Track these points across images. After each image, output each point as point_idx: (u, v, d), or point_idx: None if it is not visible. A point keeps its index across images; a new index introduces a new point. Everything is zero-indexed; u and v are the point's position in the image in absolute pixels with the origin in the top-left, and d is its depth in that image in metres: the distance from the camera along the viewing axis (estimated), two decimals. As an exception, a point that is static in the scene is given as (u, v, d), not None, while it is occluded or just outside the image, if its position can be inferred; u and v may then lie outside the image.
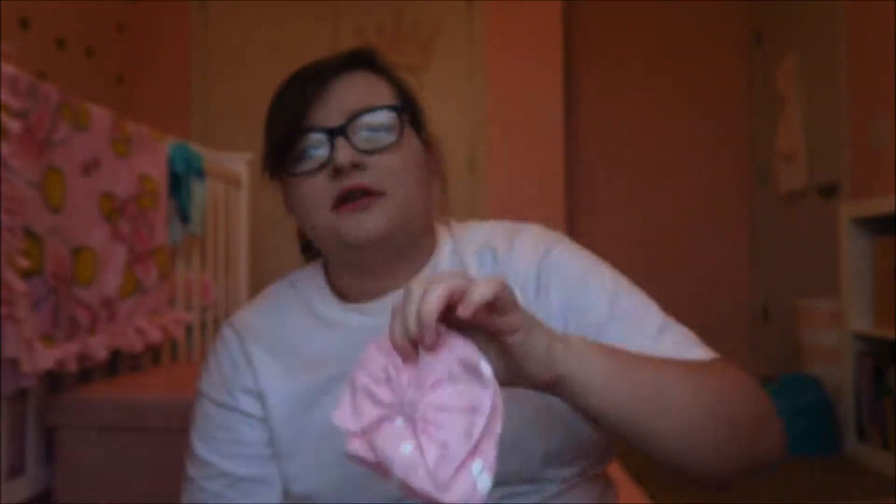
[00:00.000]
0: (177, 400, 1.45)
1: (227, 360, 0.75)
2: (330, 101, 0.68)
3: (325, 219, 0.68)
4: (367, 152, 0.66)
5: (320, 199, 0.67)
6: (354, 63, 0.70)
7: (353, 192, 0.66)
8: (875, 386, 2.37)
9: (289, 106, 0.68)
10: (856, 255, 2.47)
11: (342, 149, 0.65)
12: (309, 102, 0.67)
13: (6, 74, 1.30)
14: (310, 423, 0.69)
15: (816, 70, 3.40)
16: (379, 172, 0.67)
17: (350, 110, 0.67)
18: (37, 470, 1.47)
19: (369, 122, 0.68)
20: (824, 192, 3.26)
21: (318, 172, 0.67)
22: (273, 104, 0.71)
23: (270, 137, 0.71)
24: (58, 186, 1.46)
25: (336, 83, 0.69)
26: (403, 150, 0.69)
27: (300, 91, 0.68)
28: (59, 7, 2.96)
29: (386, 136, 0.68)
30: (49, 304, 1.42)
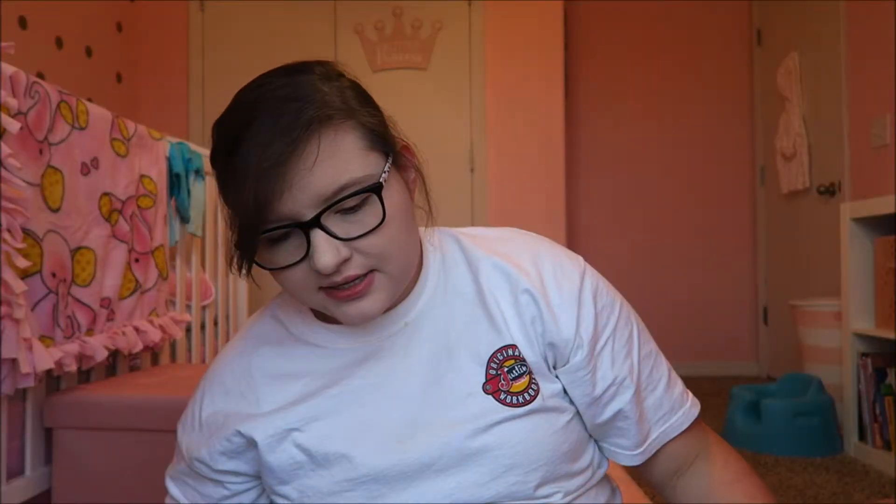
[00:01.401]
0: (176, 400, 1.45)
1: (201, 422, 0.73)
2: (293, 188, 0.57)
3: (312, 299, 0.63)
4: (350, 239, 0.59)
5: (306, 286, 0.61)
6: (314, 123, 0.58)
7: (342, 284, 0.61)
8: (875, 386, 2.37)
9: (246, 202, 0.57)
10: (856, 255, 2.47)
11: (323, 248, 0.58)
12: (273, 198, 0.57)
13: (6, 74, 1.30)
14: (302, 450, 0.67)
15: (816, 70, 3.40)
16: (367, 257, 0.60)
17: (320, 195, 0.58)
18: (36, 470, 1.47)
19: (346, 204, 0.59)
20: (824, 192, 3.26)
21: (296, 265, 0.60)
22: (223, 177, 0.61)
23: (232, 226, 0.62)
24: (57, 186, 1.46)
25: (295, 160, 0.57)
26: (389, 219, 0.60)
27: (260, 184, 0.56)
28: (59, 6, 2.96)
29: (369, 215, 0.60)
30: (48, 304, 1.42)
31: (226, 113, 0.62)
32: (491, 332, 0.67)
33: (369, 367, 0.67)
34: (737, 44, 4.24)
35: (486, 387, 0.65)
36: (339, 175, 0.58)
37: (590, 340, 0.68)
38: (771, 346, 4.04)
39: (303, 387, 0.68)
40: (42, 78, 2.44)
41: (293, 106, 0.58)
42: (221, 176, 0.61)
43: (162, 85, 3.63)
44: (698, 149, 4.26)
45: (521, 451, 0.64)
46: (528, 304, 0.67)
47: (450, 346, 0.67)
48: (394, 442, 0.64)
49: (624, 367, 0.70)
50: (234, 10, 3.60)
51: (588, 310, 0.68)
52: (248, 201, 0.57)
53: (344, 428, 0.66)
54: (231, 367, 0.73)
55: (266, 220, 0.58)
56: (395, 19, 3.53)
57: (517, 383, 0.66)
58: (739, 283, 4.22)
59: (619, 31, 4.31)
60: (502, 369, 0.66)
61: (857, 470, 2.32)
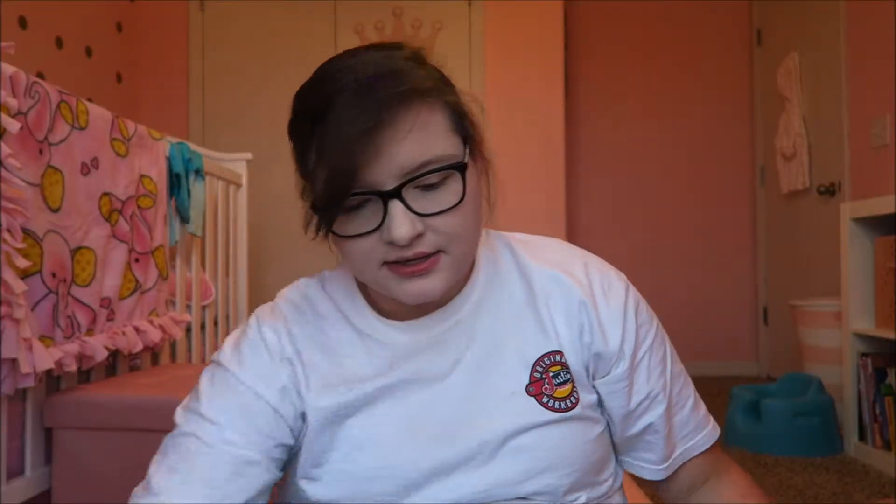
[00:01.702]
0: (176, 400, 1.45)
1: (270, 353, 0.69)
2: (381, 156, 0.58)
3: (374, 274, 0.63)
4: (427, 215, 0.60)
5: (371, 258, 0.62)
6: (408, 97, 0.59)
7: (410, 260, 0.61)
8: (875, 386, 2.37)
9: (333, 163, 0.58)
10: (856, 255, 2.47)
11: (399, 220, 0.58)
12: (361, 163, 0.58)
13: (5, 74, 1.30)
14: (345, 435, 0.66)
15: (817, 70, 3.40)
16: (438, 235, 0.61)
17: (404, 168, 0.59)
18: (36, 470, 1.47)
19: (428, 179, 0.60)
20: (824, 192, 3.26)
21: (369, 235, 0.60)
22: (306, 132, 0.61)
23: (311, 180, 0.63)
24: (57, 186, 1.46)
25: (386, 129, 0.58)
26: (466, 201, 0.61)
27: (349, 146, 0.57)
28: (59, 6, 2.96)
29: (447, 194, 0.60)
30: (48, 304, 1.42)
31: (313, 81, 0.63)
32: (539, 336, 0.69)
33: (418, 361, 0.68)
34: (737, 44, 4.24)
35: (530, 388, 0.67)
36: (426, 150, 0.59)
37: (631, 354, 0.70)
38: (771, 346, 4.04)
39: (352, 370, 0.68)
40: (42, 78, 2.44)
41: (390, 78, 0.59)
42: (304, 140, 0.62)
43: (162, 85, 3.63)
44: (698, 149, 4.26)
45: (556, 455, 0.65)
46: (581, 313, 0.69)
47: (497, 346, 0.69)
48: (435, 435, 0.65)
49: (658, 382, 0.72)
50: (234, 10, 3.59)
51: (631, 324, 0.71)
52: (339, 165, 0.58)
53: (389, 417, 0.66)
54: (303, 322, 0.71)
55: (352, 185, 0.58)
56: (395, 19, 3.53)
57: (561, 389, 0.67)
58: (739, 283, 4.22)
59: (619, 31, 4.31)
60: (547, 374, 0.68)
61: (857, 470, 2.32)
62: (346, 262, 0.67)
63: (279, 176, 3.52)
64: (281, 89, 3.54)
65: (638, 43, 4.29)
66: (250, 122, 3.55)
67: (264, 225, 3.48)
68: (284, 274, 3.49)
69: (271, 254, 3.53)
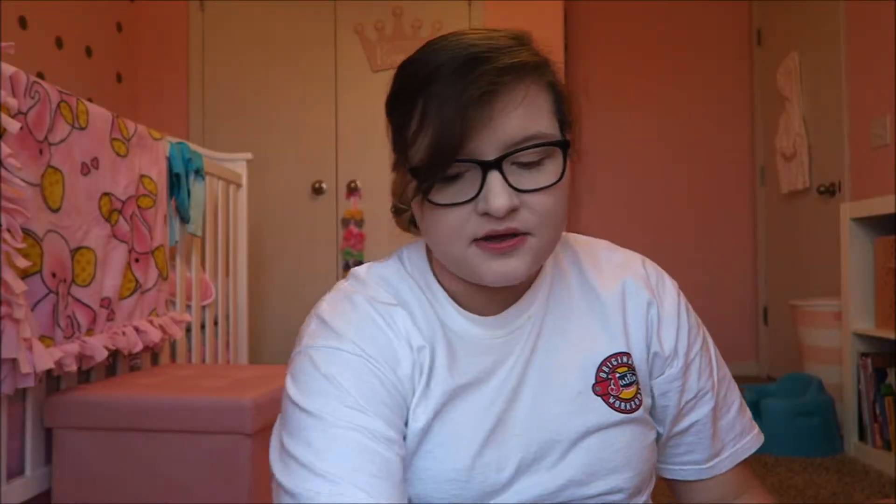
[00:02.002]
0: (176, 400, 1.45)
1: (394, 334, 0.65)
2: (488, 126, 0.58)
3: (462, 251, 0.61)
4: (523, 191, 0.59)
5: (460, 232, 0.60)
6: (520, 70, 0.59)
7: (501, 236, 0.60)
8: (875, 386, 2.37)
9: (440, 128, 0.58)
10: (856, 255, 2.47)
11: (498, 190, 0.57)
12: (467, 130, 0.57)
13: (5, 74, 1.30)
14: (438, 430, 0.64)
15: (816, 70, 3.40)
16: (532, 213, 0.60)
17: (507, 141, 0.58)
18: (36, 470, 1.47)
19: (528, 155, 0.59)
20: (824, 192, 3.26)
21: (463, 206, 0.59)
22: (410, 99, 0.61)
23: (409, 148, 0.61)
24: (57, 186, 1.46)
25: (498, 99, 0.58)
26: (562, 184, 0.61)
27: (458, 113, 0.57)
28: (59, 6, 2.96)
29: (545, 174, 0.60)
30: (48, 304, 1.42)
31: (421, 52, 0.62)
32: (604, 337, 0.70)
33: (493, 357, 0.67)
34: (737, 44, 4.24)
35: (596, 388, 0.67)
36: (531, 125, 0.59)
37: (684, 354, 0.72)
38: (771, 346, 4.04)
39: (444, 366, 0.66)
40: (42, 78, 2.44)
41: (504, 50, 0.59)
42: (406, 109, 0.61)
43: (162, 85, 3.63)
44: (698, 148, 4.26)
45: (622, 457, 0.66)
46: (649, 313, 0.71)
47: (563, 344, 0.69)
48: (515, 435, 0.65)
49: (707, 382, 0.74)
50: (234, 10, 3.59)
51: (684, 324, 0.73)
52: (446, 131, 0.57)
53: (468, 417, 0.65)
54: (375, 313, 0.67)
55: (457, 151, 0.58)
56: (395, 19, 3.53)
57: (626, 391, 0.68)
58: (739, 283, 4.22)
59: (619, 31, 4.31)
60: (614, 374, 0.68)
61: (857, 470, 2.32)
62: (430, 240, 0.64)
63: (279, 176, 3.52)
64: (281, 90, 3.57)
65: (638, 43, 4.29)
66: (250, 122, 3.56)
67: (264, 225, 3.48)
68: (284, 274, 3.50)
69: (271, 254, 3.53)
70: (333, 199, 3.53)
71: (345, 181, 3.52)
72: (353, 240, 3.47)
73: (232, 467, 1.41)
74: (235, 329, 2.64)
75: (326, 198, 3.53)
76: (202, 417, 1.42)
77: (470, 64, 0.58)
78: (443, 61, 0.59)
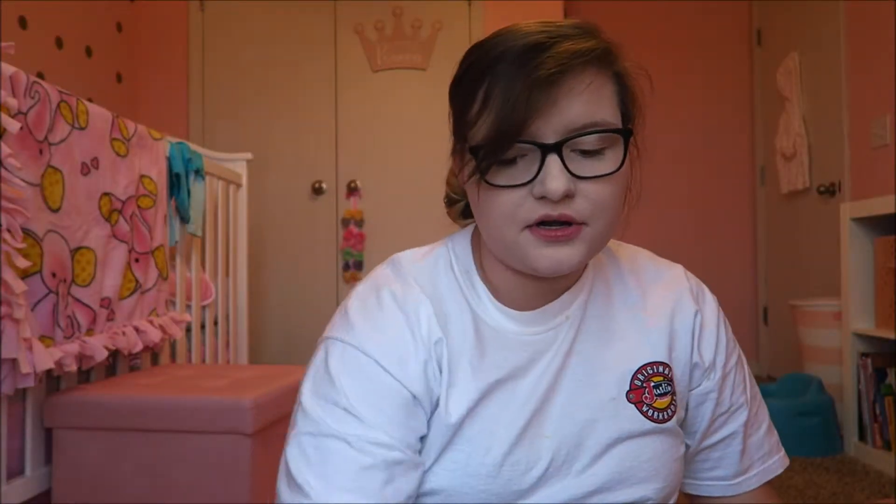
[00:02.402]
0: (176, 400, 1.45)
1: (410, 331, 0.64)
2: (552, 109, 0.58)
3: (514, 236, 0.61)
4: (581, 178, 0.59)
5: (515, 216, 0.60)
6: (587, 56, 0.59)
7: (555, 221, 0.59)
8: (875, 386, 2.37)
9: (505, 108, 0.57)
10: (856, 255, 2.47)
11: (555, 173, 0.57)
12: (530, 111, 0.57)
13: (5, 74, 1.30)
14: (470, 424, 0.64)
15: (816, 70, 3.40)
16: (587, 202, 0.59)
17: (569, 126, 0.58)
18: (36, 470, 1.47)
19: (588, 142, 0.59)
20: (824, 192, 3.26)
21: (519, 188, 0.59)
22: (475, 80, 0.61)
23: (469, 129, 0.61)
24: (57, 186, 1.46)
25: (565, 83, 0.58)
26: (621, 174, 0.61)
27: (524, 94, 0.57)
28: (59, 6, 2.96)
29: (605, 163, 0.60)
30: (48, 304, 1.42)
31: (489, 38, 0.62)
32: (645, 346, 0.69)
33: (529, 354, 0.67)
34: (737, 44, 4.24)
35: (630, 396, 0.67)
36: (594, 112, 0.59)
37: (722, 366, 0.73)
38: (771, 346, 4.04)
39: (471, 360, 0.65)
40: (42, 78, 2.44)
41: (572, 37, 0.60)
42: (471, 91, 0.61)
43: (162, 85, 3.63)
44: (698, 149, 4.26)
45: (652, 467, 0.66)
46: (695, 325, 0.71)
47: (600, 348, 0.68)
48: (545, 436, 0.65)
49: (741, 398, 0.75)
50: (234, 10, 3.60)
51: (723, 337, 0.74)
52: (511, 111, 0.57)
53: (503, 412, 0.64)
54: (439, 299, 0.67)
55: (520, 132, 0.57)
56: (395, 19, 3.53)
57: (661, 400, 0.68)
58: (739, 283, 4.22)
59: (619, 31, 4.23)
60: (648, 383, 0.68)
61: (857, 470, 2.32)
62: (483, 223, 0.64)
63: (279, 176, 3.53)
64: (281, 89, 3.57)
65: (638, 43, 4.26)
66: (250, 123, 3.56)
67: (264, 225, 3.48)
68: (284, 274, 3.50)
69: (271, 254, 3.53)
70: (333, 199, 3.53)
71: (345, 181, 3.52)
72: (353, 240, 3.47)
73: (232, 467, 1.41)
74: (235, 329, 2.64)
75: (326, 198, 3.53)
76: (202, 417, 1.42)
77: (538, 47, 0.58)
78: (511, 44, 0.59)
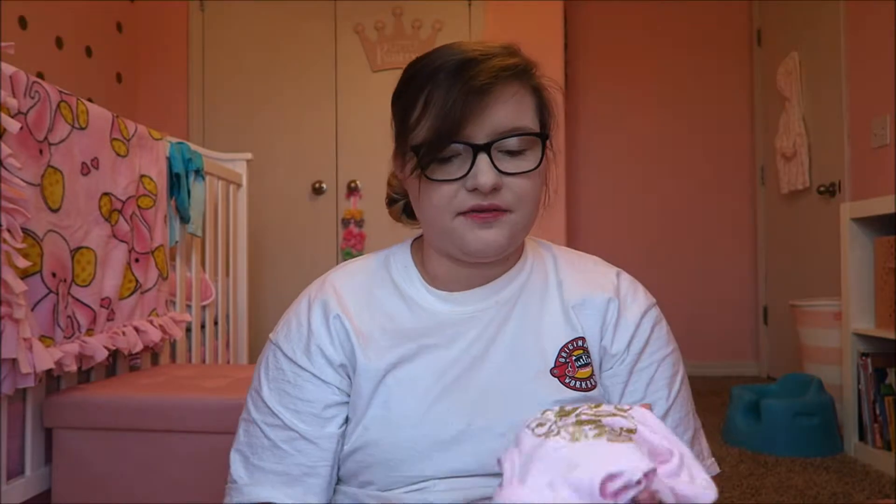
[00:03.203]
0: (176, 400, 1.45)
1: (310, 324, 0.78)
2: (482, 115, 0.69)
3: (449, 222, 0.72)
4: (507, 174, 0.70)
5: (450, 206, 0.71)
6: (512, 70, 0.70)
7: (485, 209, 0.70)
8: (875, 386, 2.37)
9: (443, 113, 0.68)
10: (856, 255, 2.47)
11: (485, 170, 0.68)
12: (464, 116, 0.68)
13: (5, 74, 1.30)
14: (393, 377, 0.74)
15: (817, 70, 3.40)
16: (512, 194, 0.70)
17: (497, 129, 0.69)
18: (36, 470, 1.47)
19: (512, 144, 0.70)
20: (824, 192, 3.25)
21: (454, 182, 0.70)
22: (417, 89, 0.71)
23: (411, 131, 0.72)
24: (57, 186, 1.46)
25: (492, 93, 0.69)
26: (539, 170, 0.72)
27: (459, 101, 0.67)
28: (59, 6, 2.96)
29: (526, 161, 0.71)
30: (48, 304, 1.42)
31: (427, 54, 0.72)
32: (566, 327, 0.77)
33: (456, 331, 0.76)
34: (737, 44, 4.24)
35: (554, 371, 0.75)
36: (517, 119, 0.71)
37: (635, 356, 0.78)
38: (771, 346, 4.04)
39: (394, 326, 0.77)
40: (42, 78, 2.44)
41: (499, 54, 0.70)
42: (411, 99, 0.71)
43: (162, 85, 3.63)
44: (698, 149, 4.26)
45: None
46: (607, 309, 0.78)
47: (528, 331, 0.77)
48: (469, 401, 0.73)
49: (656, 394, 0.78)
50: (234, 10, 3.60)
51: (644, 332, 0.79)
52: (448, 116, 0.67)
53: (426, 372, 0.74)
54: (351, 286, 0.81)
55: (455, 135, 0.68)
56: (395, 19, 3.53)
57: (582, 371, 0.76)
58: (739, 283, 4.22)
59: (619, 31, 4.31)
60: (571, 358, 0.76)
61: (857, 470, 2.32)
62: (421, 213, 0.75)
63: (279, 176, 3.53)
64: (281, 89, 3.57)
65: (638, 43, 4.29)
66: (250, 122, 3.56)
67: (264, 225, 3.48)
68: (284, 274, 3.50)
69: (271, 254, 3.53)
70: (333, 199, 3.53)
71: (345, 181, 3.52)
72: (353, 240, 3.48)
73: (232, 467, 1.41)
74: (235, 329, 2.64)
75: (326, 198, 3.53)
76: (202, 417, 1.42)
77: (472, 62, 0.68)
78: (449, 58, 0.69)
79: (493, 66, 0.68)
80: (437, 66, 0.69)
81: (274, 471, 0.75)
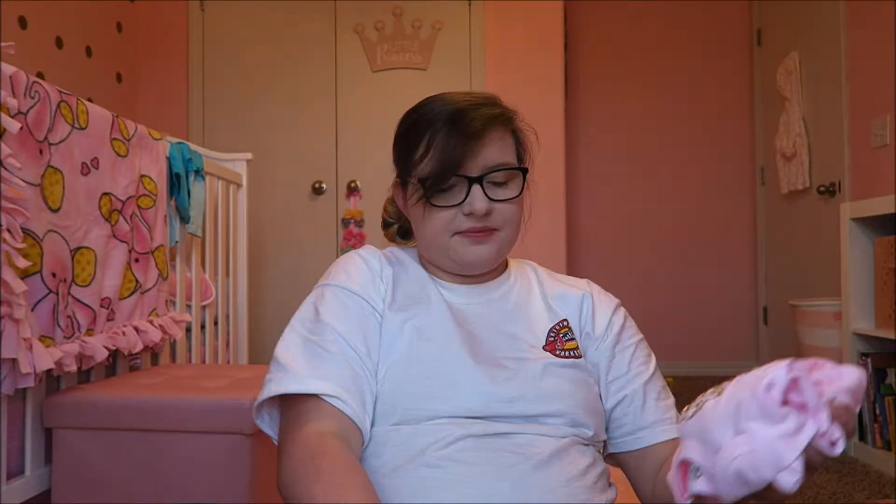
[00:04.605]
0: (176, 400, 1.45)
1: (370, 269, 0.91)
2: (475, 154, 0.84)
3: (446, 241, 0.87)
4: (496, 200, 0.85)
5: (449, 227, 0.86)
6: (498, 118, 0.87)
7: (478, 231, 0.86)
8: (875, 386, 2.37)
9: (444, 152, 0.84)
10: (856, 255, 2.47)
11: (479, 197, 0.84)
12: (464, 156, 0.84)
13: (6, 74, 1.30)
14: (412, 333, 0.85)
15: (817, 70, 3.40)
16: (500, 216, 0.86)
17: (487, 165, 0.85)
18: (36, 470, 1.47)
19: (499, 176, 0.86)
20: (824, 192, 3.25)
21: (453, 208, 0.85)
22: (419, 134, 0.86)
23: (416, 167, 0.87)
24: (57, 186, 1.46)
25: (484, 137, 0.85)
26: (521, 197, 0.89)
27: (459, 144, 0.83)
28: (59, 6, 2.96)
29: (510, 190, 0.87)
30: (48, 304, 1.42)
31: (424, 104, 0.88)
32: (550, 314, 0.92)
33: (470, 312, 0.90)
34: (737, 44, 4.24)
35: (545, 347, 0.88)
36: (503, 156, 0.87)
37: (613, 339, 0.91)
38: (771, 346, 4.04)
39: (413, 293, 0.90)
40: (42, 78, 2.44)
41: (488, 104, 0.88)
42: (414, 142, 0.86)
43: (162, 85, 3.63)
44: (698, 149, 4.26)
45: (568, 390, 0.83)
46: (582, 303, 0.93)
47: (519, 318, 0.91)
48: (475, 353, 0.83)
49: (638, 369, 0.91)
50: (234, 10, 3.60)
51: (618, 321, 0.93)
52: (449, 156, 0.83)
53: (445, 323, 0.86)
54: (382, 252, 0.96)
55: (455, 171, 0.84)
56: (395, 19, 3.53)
57: (570, 343, 0.89)
58: (739, 283, 4.22)
59: (619, 31, 4.31)
60: (559, 335, 0.90)
61: (857, 470, 2.32)
62: (423, 232, 0.89)
63: (279, 176, 3.53)
64: (281, 89, 3.57)
65: (638, 43, 4.29)
66: (250, 122, 3.56)
67: (264, 225, 3.48)
68: (284, 274, 3.50)
69: (271, 254, 3.53)
70: (333, 199, 3.53)
71: (345, 181, 3.52)
72: (353, 240, 3.47)
73: (232, 467, 1.41)
74: (235, 329, 2.64)
75: (326, 198, 3.53)
76: (202, 417, 1.42)
77: (466, 111, 0.85)
78: (444, 108, 0.86)
79: (482, 114, 0.85)
80: (435, 115, 0.85)
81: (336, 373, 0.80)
